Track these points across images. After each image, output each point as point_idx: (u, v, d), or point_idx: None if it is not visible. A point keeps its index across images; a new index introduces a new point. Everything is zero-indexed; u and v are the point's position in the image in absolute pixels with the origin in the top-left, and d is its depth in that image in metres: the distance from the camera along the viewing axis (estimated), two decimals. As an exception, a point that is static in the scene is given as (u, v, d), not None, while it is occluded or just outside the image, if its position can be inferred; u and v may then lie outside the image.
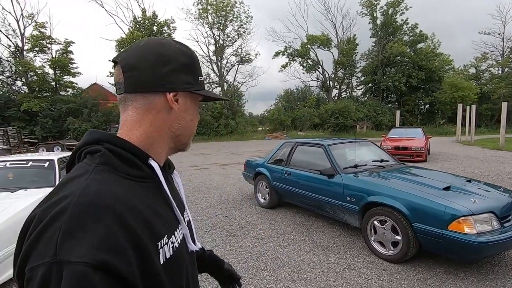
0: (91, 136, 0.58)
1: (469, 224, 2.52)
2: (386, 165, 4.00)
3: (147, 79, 0.58)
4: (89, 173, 0.51)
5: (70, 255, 0.40)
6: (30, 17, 25.20)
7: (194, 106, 0.66)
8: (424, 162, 9.99)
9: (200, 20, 29.81)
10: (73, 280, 0.39)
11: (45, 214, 0.45)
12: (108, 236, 0.44)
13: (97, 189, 0.48)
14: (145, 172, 0.57)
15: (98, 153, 0.54)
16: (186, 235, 0.65)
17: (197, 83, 0.64)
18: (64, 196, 0.46)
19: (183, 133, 0.65)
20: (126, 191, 0.52)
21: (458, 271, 2.83)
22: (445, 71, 34.32)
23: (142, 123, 0.60)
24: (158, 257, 0.52)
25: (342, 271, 2.91)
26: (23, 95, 23.36)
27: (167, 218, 0.59)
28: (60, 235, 0.42)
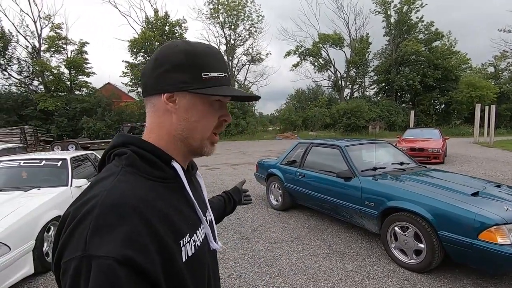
0: (118, 139, 0.61)
1: (503, 233, 2.33)
2: (406, 168, 3.81)
3: (149, 83, 0.61)
4: (116, 174, 0.54)
5: (98, 250, 0.43)
6: (47, 18, 25.87)
7: (201, 106, 0.61)
8: (441, 165, 9.64)
9: (212, 19, 29.91)
10: (100, 273, 0.42)
11: (77, 212, 0.48)
12: (132, 233, 0.46)
13: (122, 189, 0.51)
14: (167, 174, 0.59)
15: (124, 155, 0.57)
16: (208, 234, 0.66)
17: (198, 81, 0.59)
18: (93, 195, 0.49)
19: (190, 135, 0.62)
20: (150, 192, 0.54)
21: (487, 283, 2.64)
22: (462, 70, 33.25)
23: (153, 126, 0.62)
24: (180, 254, 0.53)
25: (361, 280, 2.76)
26: (39, 95, 23.96)
27: (189, 218, 0.61)
28: (90, 232, 0.45)
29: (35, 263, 2.85)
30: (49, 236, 3.15)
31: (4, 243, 2.52)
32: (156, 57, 0.60)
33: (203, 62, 0.60)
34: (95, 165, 4.84)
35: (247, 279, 2.82)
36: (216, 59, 0.62)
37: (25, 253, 2.73)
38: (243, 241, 3.73)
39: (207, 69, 0.60)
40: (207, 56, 0.61)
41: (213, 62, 0.61)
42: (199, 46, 0.61)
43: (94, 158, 5.00)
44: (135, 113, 26.31)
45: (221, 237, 3.85)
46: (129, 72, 26.06)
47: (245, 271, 2.97)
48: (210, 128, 0.63)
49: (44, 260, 2.96)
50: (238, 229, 4.15)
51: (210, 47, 0.63)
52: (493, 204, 2.64)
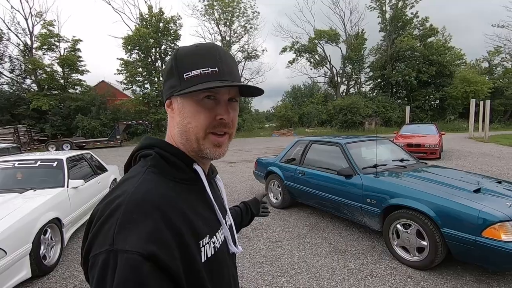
0: (145, 142, 0.65)
1: (507, 230, 2.32)
2: (407, 164, 3.80)
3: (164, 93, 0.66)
4: (141, 174, 0.56)
5: (124, 245, 0.45)
6: (39, 15, 25.38)
7: (187, 107, 0.61)
8: (438, 160, 9.69)
9: (206, 16, 29.63)
10: (126, 267, 0.44)
11: (105, 209, 0.51)
12: (155, 230, 0.48)
13: (147, 188, 0.53)
14: (189, 176, 0.62)
15: (149, 156, 0.61)
16: (228, 237, 0.67)
17: (182, 82, 0.59)
18: (120, 193, 0.52)
19: (187, 137, 0.62)
20: (172, 192, 0.56)
21: (490, 279, 2.64)
22: (457, 66, 33.42)
23: (168, 130, 0.67)
24: (200, 255, 0.55)
25: (364, 278, 2.74)
26: (32, 93, 23.58)
27: (209, 220, 0.62)
28: (117, 228, 0.47)
29: (32, 267, 2.78)
30: (46, 239, 3.08)
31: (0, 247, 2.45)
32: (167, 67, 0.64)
33: (185, 62, 0.60)
34: (91, 165, 4.76)
35: (249, 279, 2.79)
36: (200, 55, 0.60)
37: (21, 257, 2.66)
38: (244, 240, 3.70)
39: (188, 68, 0.59)
40: (192, 55, 0.60)
41: (197, 60, 0.59)
42: (190, 48, 0.61)
43: (90, 157, 4.92)
44: (131, 111, 26.04)
45: (221, 237, 3.81)
46: (124, 70, 25.74)
47: (246, 271, 2.94)
48: (202, 127, 0.60)
49: (41, 264, 2.90)
50: (238, 228, 4.12)
51: (199, 46, 0.62)
52: (496, 200, 2.63)
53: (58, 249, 3.28)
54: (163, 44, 26.79)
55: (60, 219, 3.32)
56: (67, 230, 3.54)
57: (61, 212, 3.38)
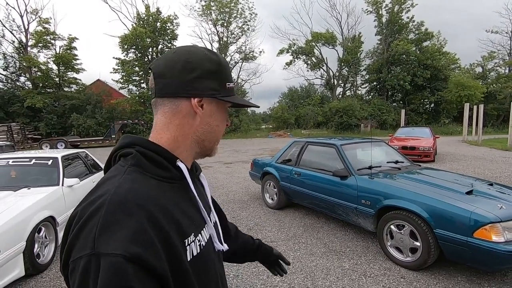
0: (124, 140, 0.62)
1: (497, 231, 2.36)
2: (401, 166, 3.85)
3: (174, 85, 0.60)
4: (122, 174, 0.55)
5: (106, 248, 0.44)
6: (34, 12, 25.15)
7: (221, 112, 0.66)
8: (432, 163, 9.81)
9: (204, 16, 29.61)
10: (109, 271, 0.43)
11: (85, 211, 0.49)
12: (139, 230, 0.46)
13: (128, 187, 0.51)
14: (173, 174, 0.60)
15: (130, 155, 0.58)
16: (213, 235, 0.67)
17: (224, 90, 0.64)
18: (100, 194, 0.50)
19: (208, 138, 0.66)
20: (155, 191, 0.54)
21: (481, 280, 2.68)
22: (451, 70, 33.87)
23: (169, 126, 0.62)
24: (185, 253, 0.54)
25: (358, 278, 2.77)
26: (27, 91, 23.33)
27: (194, 218, 0.61)
28: (98, 230, 0.45)
29: (26, 265, 2.76)
30: (40, 237, 3.06)
31: (-7, 245, 2.43)
32: (187, 60, 0.61)
33: (227, 72, 0.66)
34: (86, 164, 4.74)
35: (244, 279, 2.80)
36: (229, 70, 0.68)
37: (15, 255, 2.64)
38: (239, 240, 3.70)
39: (229, 79, 0.66)
40: (227, 67, 0.66)
41: (230, 73, 0.67)
42: (221, 57, 0.67)
43: (85, 156, 4.89)
44: (127, 111, 25.90)
45: (216, 237, 3.82)
46: (120, 69, 25.60)
47: (242, 271, 2.95)
48: (223, 132, 0.70)
49: (35, 262, 2.88)
50: (233, 228, 4.12)
51: (225, 59, 0.69)
52: (488, 202, 2.68)
53: (52, 247, 3.26)
54: (160, 43, 26.73)
55: (55, 218, 3.30)
56: (61, 228, 3.51)
57: (55, 210, 3.36)
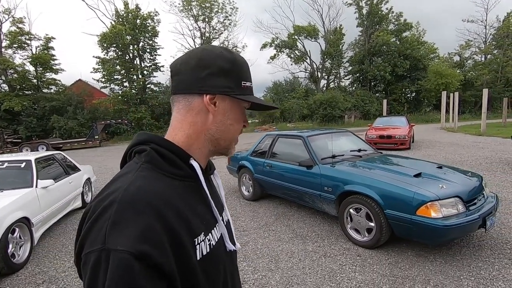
0: (140, 137, 0.63)
1: (436, 208, 2.62)
2: (363, 154, 4.10)
3: (187, 81, 0.62)
4: (135, 171, 0.56)
5: (116, 244, 0.45)
6: (7, 12, 24.26)
7: (236, 111, 0.66)
8: (408, 150, 10.22)
9: (185, 12, 29.25)
10: (118, 267, 0.44)
11: (97, 206, 0.50)
12: (148, 229, 0.47)
13: (140, 185, 0.52)
14: (185, 172, 0.60)
15: (144, 152, 0.59)
16: (224, 235, 0.66)
17: (238, 88, 0.64)
18: (113, 190, 0.51)
19: (222, 137, 0.66)
20: (167, 188, 0.55)
21: (428, 253, 2.96)
22: (430, 59, 34.78)
23: (183, 124, 0.64)
24: (194, 252, 0.54)
25: (318, 258, 3.00)
26: (3, 94, 22.60)
27: (205, 217, 0.61)
28: (109, 226, 0.46)
29: (0, 265, 2.85)
30: (14, 238, 3.15)
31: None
32: (201, 57, 0.62)
33: (243, 71, 0.65)
34: (62, 165, 4.79)
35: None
36: (248, 69, 0.68)
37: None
38: (213, 231, 3.88)
39: (245, 78, 0.66)
40: (244, 65, 0.66)
41: (248, 72, 0.67)
42: (238, 55, 0.67)
43: (62, 158, 4.93)
44: (110, 110, 25.47)
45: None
46: (101, 68, 25.08)
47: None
48: (239, 131, 0.69)
49: (9, 261, 2.97)
50: (209, 220, 4.29)
51: (243, 58, 0.68)
52: (431, 183, 2.94)
53: (27, 247, 3.35)
54: (141, 41, 26.29)
55: (29, 219, 3.38)
56: (37, 229, 3.60)
57: (29, 211, 3.44)
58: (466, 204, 2.76)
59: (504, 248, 2.98)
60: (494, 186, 5.14)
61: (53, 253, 3.51)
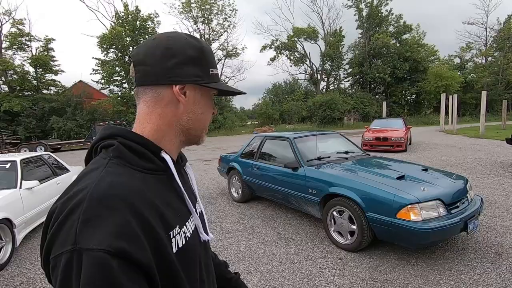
0: (106, 131, 0.60)
1: (416, 211, 2.59)
2: (349, 156, 4.06)
3: (154, 72, 0.59)
4: (103, 166, 0.53)
5: (89, 243, 0.43)
6: (7, 13, 24.39)
7: (205, 100, 0.66)
8: (404, 152, 10.17)
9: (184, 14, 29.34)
10: (93, 267, 0.42)
11: (65, 206, 0.47)
12: (123, 224, 0.46)
13: (110, 180, 0.50)
14: (157, 165, 0.59)
15: (111, 147, 0.57)
16: (198, 226, 0.66)
17: (207, 76, 0.63)
18: (81, 188, 0.49)
19: (193, 126, 0.65)
20: (139, 183, 0.53)
21: (410, 257, 2.92)
22: (431, 62, 34.73)
23: (152, 116, 0.61)
24: (171, 245, 0.53)
25: (299, 261, 2.97)
26: (3, 95, 22.69)
27: (179, 209, 0.60)
28: (79, 225, 0.44)
29: (-22, 266, 2.83)
30: (-6, 239, 3.13)
31: None
32: (167, 46, 0.59)
33: (210, 58, 0.64)
34: (50, 166, 4.77)
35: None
36: (214, 56, 0.67)
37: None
38: (198, 233, 3.85)
39: (212, 65, 0.65)
40: (211, 52, 0.65)
41: (214, 59, 0.67)
42: (204, 42, 0.65)
43: (49, 158, 4.92)
44: (109, 111, 25.52)
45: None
46: (100, 69, 25.17)
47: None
48: (210, 119, 0.69)
49: (-12, 263, 2.95)
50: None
51: (208, 45, 0.67)
52: (413, 186, 2.90)
53: (9, 248, 3.33)
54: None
55: (11, 220, 3.36)
56: (20, 230, 3.57)
57: (12, 212, 3.42)
58: (448, 207, 2.73)
59: (488, 252, 2.94)
60: (485, 189, 5.09)
61: (35, 255, 3.48)
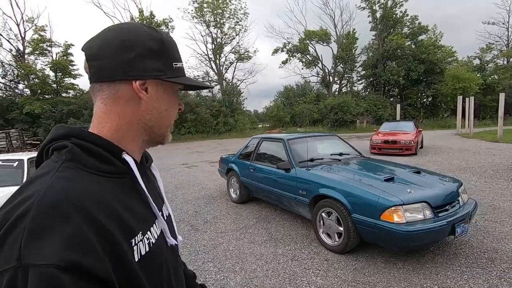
0: (58, 131, 0.54)
1: (399, 213, 2.55)
2: (343, 158, 4.03)
3: (111, 67, 0.54)
4: (54, 171, 0.48)
5: (35, 258, 0.38)
6: (30, 21, 25.65)
7: (170, 95, 0.61)
8: (414, 156, 9.93)
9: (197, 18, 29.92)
10: (40, 284, 0.37)
11: (8, 216, 0.42)
12: (76, 234, 0.41)
13: (63, 186, 0.45)
14: (117, 167, 0.55)
15: (65, 149, 0.51)
16: (165, 230, 0.62)
17: (171, 70, 0.58)
18: (28, 196, 0.43)
19: (157, 124, 0.61)
20: (96, 188, 0.49)
21: (398, 260, 2.87)
22: (448, 63, 33.73)
23: (110, 114, 0.56)
24: (132, 254, 0.50)
25: (284, 262, 2.98)
26: (25, 98, 23.86)
27: (142, 214, 0.56)
28: (24, 237, 0.39)
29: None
30: None
31: None
32: (123, 38, 0.54)
33: (173, 50, 0.60)
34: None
35: (180, 265, 3.02)
36: (177, 49, 0.62)
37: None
38: (192, 232, 3.93)
39: (175, 58, 0.60)
40: (174, 44, 0.60)
41: (178, 52, 0.62)
42: (165, 33, 0.60)
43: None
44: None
45: (172, 229, 4.04)
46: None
47: (183, 258, 3.15)
48: (174, 116, 0.64)
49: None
50: (192, 221, 4.35)
51: (171, 36, 0.62)
52: (400, 188, 2.86)
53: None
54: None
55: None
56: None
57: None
58: (435, 210, 2.67)
59: (480, 258, 2.85)
60: (491, 194, 4.92)
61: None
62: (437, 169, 7.34)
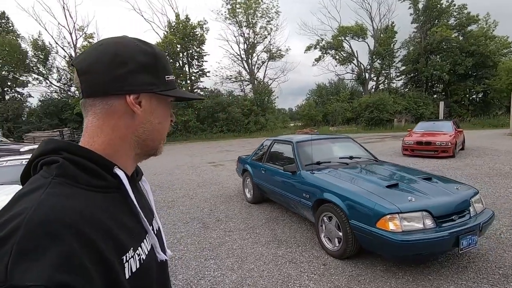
0: (47, 146, 0.53)
1: (396, 222, 2.46)
2: (352, 162, 3.93)
3: (103, 82, 0.54)
4: (45, 187, 0.46)
5: (23, 279, 0.37)
6: (81, 29, 28.24)
7: (163, 108, 0.62)
8: (451, 159, 9.21)
9: (230, 19, 30.50)
10: None
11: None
12: (67, 254, 0.40)
13: (54, 204, 0.44)
14: (109, 182, 0.54)
15: (55, 163, 0.50)
16: (155, 245, 0.62)
17: (163, 83, 0.60)
18: (16, 213, 0.42)
19: (150, 137, 0.61)
20: (88, 204, 0.48)
21: (399, 270, 2.76)
22: (503, 55, 30.37)
23: (103, 129, 0.56)
24: (123, 271, 0.49)
25: (282, 264, 3.02)
26: (76, 99, 26.33)
27: (134, 229, 0.56)
28: (12, 257, 0.38)
29: None
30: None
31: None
32: (116, 52, 0.55)
33: (164, 64, 0.61)
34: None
35: (185, 260, 3.21)
36: (168, 62, 0.63)
37: None
38: (202, 229, 4.12)
39: (167, 71, 0.61)
40: (165, 58, 0.62)
41: (169, 65, 0.63)
42: (156, 48, 0.62)
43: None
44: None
45: (185, 226, 4.28)
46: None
47: (188, 254, 3.37)
48: (168, 128, 0.65)
49: None
50: (204, 219, 4.55)
51: (161, 49, 0.64)
52: (401, 195, 2.75)
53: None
54: (190, 48, 28.23)
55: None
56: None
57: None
58: (438, 220, 2.53)
59: (493, 273, 2.64)
60: (528, 203, 4.43)
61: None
62: (473, 174, 6.76)
